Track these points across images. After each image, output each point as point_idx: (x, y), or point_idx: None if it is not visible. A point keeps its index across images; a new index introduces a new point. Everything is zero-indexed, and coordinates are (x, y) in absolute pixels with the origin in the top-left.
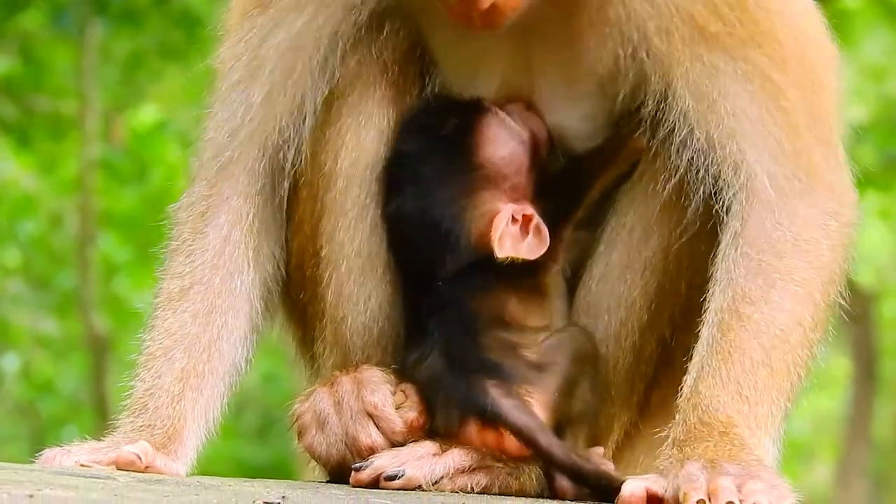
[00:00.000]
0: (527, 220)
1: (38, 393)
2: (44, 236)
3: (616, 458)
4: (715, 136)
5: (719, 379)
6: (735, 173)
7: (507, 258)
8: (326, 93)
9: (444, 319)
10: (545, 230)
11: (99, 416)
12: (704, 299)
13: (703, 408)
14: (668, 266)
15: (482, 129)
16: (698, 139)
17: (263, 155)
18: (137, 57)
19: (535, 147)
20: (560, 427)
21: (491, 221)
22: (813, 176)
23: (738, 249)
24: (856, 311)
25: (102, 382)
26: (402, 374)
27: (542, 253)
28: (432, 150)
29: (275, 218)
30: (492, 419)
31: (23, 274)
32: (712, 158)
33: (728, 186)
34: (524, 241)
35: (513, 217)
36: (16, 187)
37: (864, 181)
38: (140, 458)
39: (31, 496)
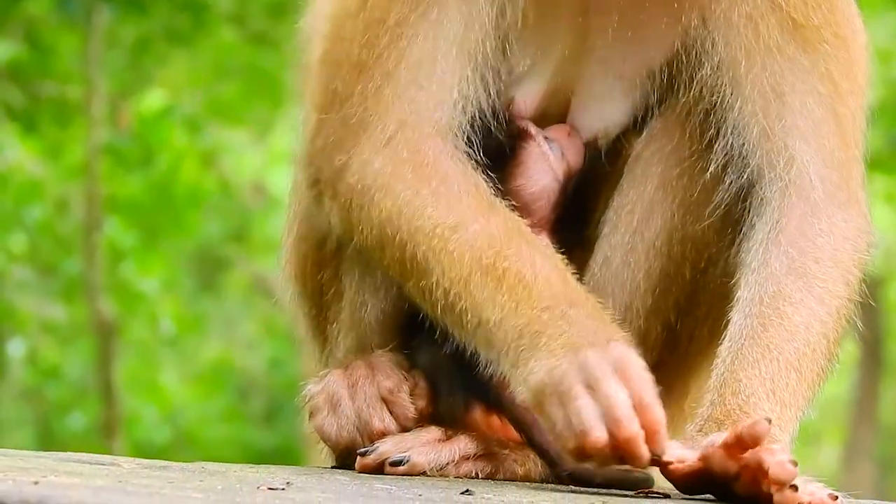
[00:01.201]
0: None
1: (45, 379)
2: (50, 222)
3: None
4: (775, 128)
5: (757, 373)
6: (787, 168)
7: None
8: None
9: None
10: None
11: (105, 402)
12: (709, 285)
13: (744, 397)
14: (673, 250)
15: (520, 160)
16: (753, 129)
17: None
18: (144, 42)
19: (567, 182)
20: None
21: None
22: (852, 190)
23: (780, 246)
24: (862, 295)
25: (109, 368)
26: (411, 360)
27: None
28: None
29: None
30: (496, 407)
31: (29, 259)
32: (764, 149)
33: (776, 179)
34: None
35: None
36: (22, 173)
37: (871, 164)
38: None
39: (35, 483)
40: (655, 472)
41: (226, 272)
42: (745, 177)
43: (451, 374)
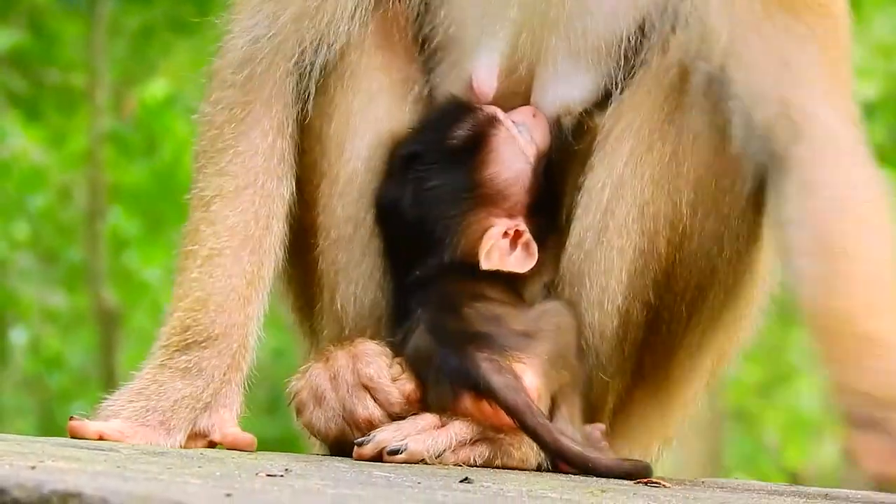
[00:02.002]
0: (518, 235)
1: (47, 366)
2: (52, 210)
3: (612, 425)
4: (790, 94)
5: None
6: (811, 128)
7: (493, 268)
8: (342, 43)
9: (426, 297)
10: (534, 246)
11: (107, 390)
12: (686, 259)
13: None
14: (646, 226)
15: (491, 147)
16: (764, 96)
17: (290, 73)
18: (147, 31)
19: (538, 164)
20: (555, 399)
21: (482, 236)
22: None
23: (823, 197)
24: None
25: (111, 356)
26: (396, 349)
27: (529, 268)
28: (439, 156)
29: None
30: (486, 394)
31: (31, 247)
32: (780, 114)
33: (800, 139)
34: (512, 254)
35: (504, 232)
36: (25, 160)
37: (876, 157)
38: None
39: (32, 467)
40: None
41: None
42: (753, 143)
43: (437, 363)
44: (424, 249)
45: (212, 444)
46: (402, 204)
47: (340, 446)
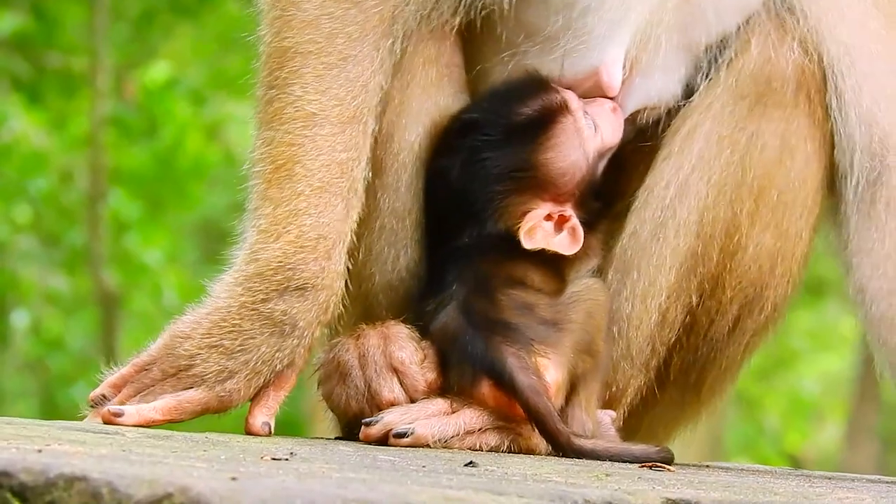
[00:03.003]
0: (563, 219)
1: (48, 349)
2: (54, 192)
3: (628, 421)
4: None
5: None
6: None
7: (536, 248)
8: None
9: (463, 273)
10: (580, 231)
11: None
12: (736, 269)
13: None
14: (703, 230)
15: (553, 133)
16: (870, 107)
17: (392, 25)
18: (149, 14)
19: (598, 158)
20: (574, 384)
21: (522, 217)
22: None
23: None
24: None
25: (112, 338)
26: (422, 330)
27: (574, 251)
28: (499, 130)
29: None
30: (508, 389)
31: (33, 230)
32: (878, 135)
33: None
34: (556, 236)
35: (549, 215)
36: (26, 144)
37: None
38: None
39: (39, 451)
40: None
41: (229, 244)
42: (847, 159)
43: (462, 345)
44: (465, 224)
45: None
46: (451, 173)
47: (356, 425)
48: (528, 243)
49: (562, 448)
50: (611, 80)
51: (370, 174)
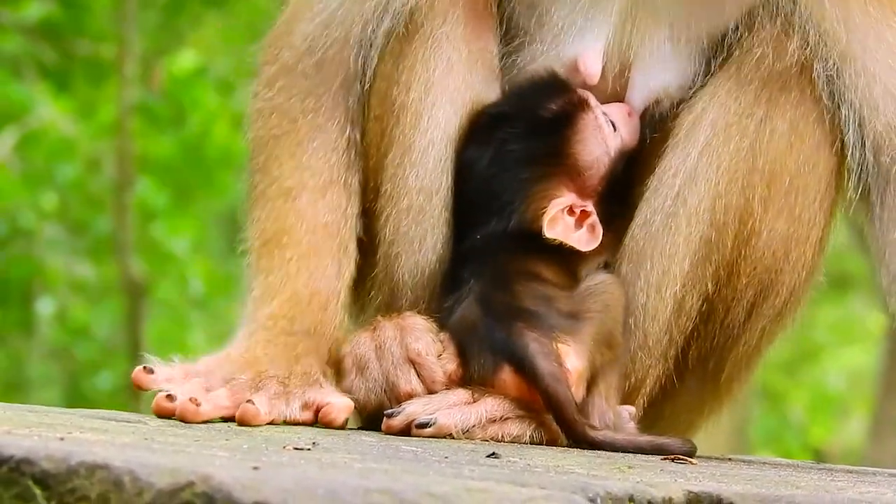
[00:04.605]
0: (584, 215)
1: (73, 337)
2: (81, 180)
3: (648, 412)
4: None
5: None
6: None
7: (555, 240)
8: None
9: (480, 269)
10: (600, 229)
11: (133, 362)
12: (751, 255)
13: None
14: (716, 217)
15: (578, 128)
16: (876, 99)
17: (356, 51)
18: (178, 2)
19: (619, 158)
20: (594, 376)
21: (549, 203)
22: None
23: None
24: None
25: (137, 327)
26: (441, 323)
27: (591, 248)
28: (527, 124)
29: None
30: (528, 376)
31: (59, 218)
32: (885, 124)
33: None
34: (576, 231)
35: (571, 208)
36: (54, 131)
37: None
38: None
39: (61, 439)
40: None
41: None
42: (858, 152)
43: (481, 334)
44: (491, 213)
45: (316, 415)
46: (480, 163)
47: (376, 418)
48: (549, 231)
49: (578, 438)
50: (587, 69)
51: (394, 172)
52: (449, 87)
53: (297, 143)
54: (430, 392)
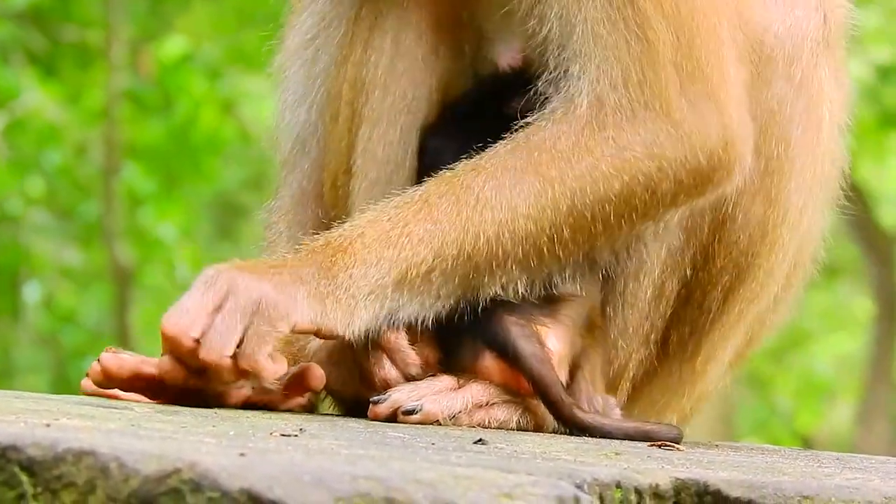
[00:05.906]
0: None
1: (60, 323)
2: (68, 166)
3: (632, 396)
4: (573, 57)
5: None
6: (565, 92)
7: None
8: None
9: None
10: None
11: (121, 348)
12: (726, 238)
13: None
14: None
15: None
16: (559, 60)
17: None
18: None
19: None
20: (576, 360)
21: None
22: (653, 108)
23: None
24: (878, 252)
25: (125, 313)
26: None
27: None
28: (494, 120)
29: None
30: (512, 359)
31: (47, 204)
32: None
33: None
34: None
35: None
36: (41, 117)
37: (888, 121)
38: None
39: (47, 425)
40: None
41: (243, 220)
42: None
43: (460, 323)
44: None
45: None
46: (445, 154)
47: (355, 407)
48: None
49: (565, 419)
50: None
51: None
52: (416, 57)
53: None
54: (406, 377)
